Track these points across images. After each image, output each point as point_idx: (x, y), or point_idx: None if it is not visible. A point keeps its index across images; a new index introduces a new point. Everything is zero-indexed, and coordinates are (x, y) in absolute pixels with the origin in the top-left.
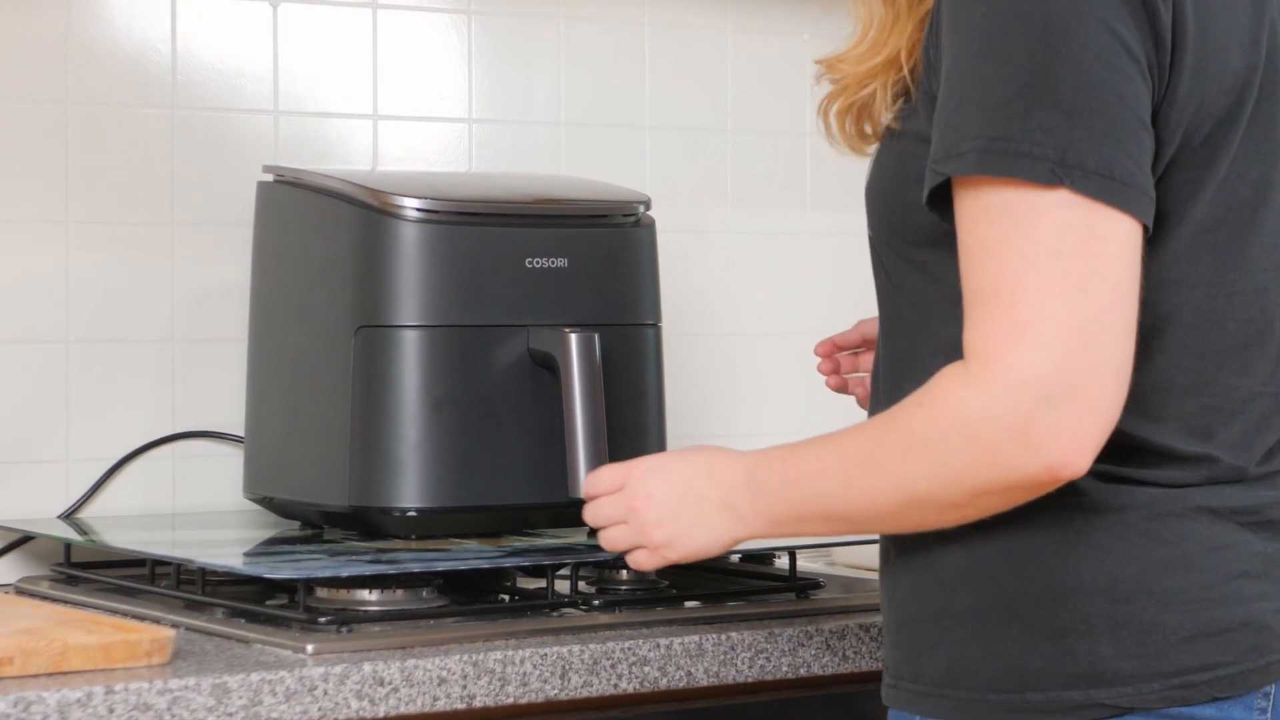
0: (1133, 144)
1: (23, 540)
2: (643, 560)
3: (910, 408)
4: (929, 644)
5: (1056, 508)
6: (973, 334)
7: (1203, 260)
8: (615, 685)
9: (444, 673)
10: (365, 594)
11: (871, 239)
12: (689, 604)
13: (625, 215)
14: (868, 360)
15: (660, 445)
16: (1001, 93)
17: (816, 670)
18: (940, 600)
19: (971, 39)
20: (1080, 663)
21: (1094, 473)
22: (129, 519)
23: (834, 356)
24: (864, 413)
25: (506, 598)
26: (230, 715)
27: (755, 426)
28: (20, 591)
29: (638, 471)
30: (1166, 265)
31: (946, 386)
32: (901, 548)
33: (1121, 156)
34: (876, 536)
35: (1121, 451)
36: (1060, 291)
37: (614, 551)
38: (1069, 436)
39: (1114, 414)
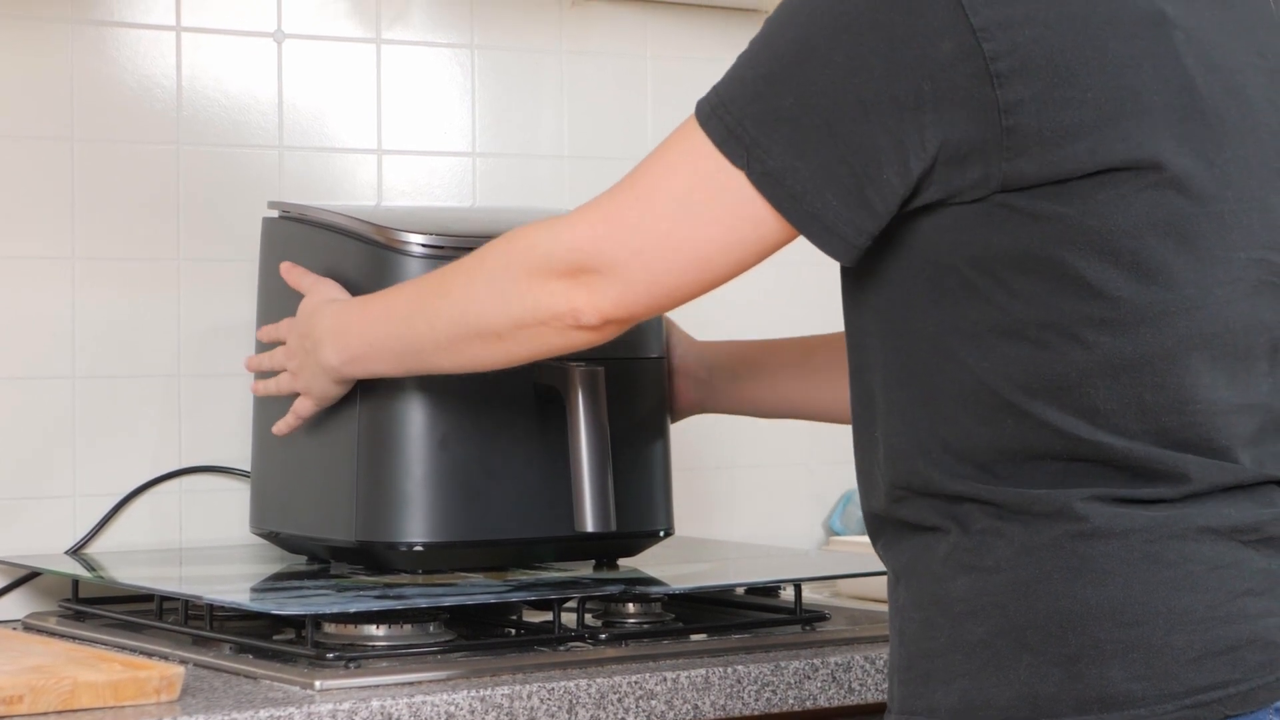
0: (819, 170)
1: (30, 576)
2: (301, 407)
3: (495, 241)
4: (941, 678)
5: (1060, 535)
6: (596, 198)
7: (1153, 279)
8: (622, 719)
9: (451, 708)
10: (372, 629)
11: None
12: (695, 637)
13: None
14: None
15: (665, 477)
16: (750, 72)
17: (823, 703)
18: (950, 634)
19: (769, 21)
20: (1092, 687)
21: (1094, 497)
22: (136, 554)
23: None
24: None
25: (513, 632)
26: None
27: (761, 457)
28: (28, 628)
29: (284, 325)
30: (1115, 284)
31: (530, 227)
32: (910, 585)
33: (804, 174)
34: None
35: (1107, 473)
36: (668, 226)
37: (279, 394)
38: (594, 299)
39: (638, 312)
